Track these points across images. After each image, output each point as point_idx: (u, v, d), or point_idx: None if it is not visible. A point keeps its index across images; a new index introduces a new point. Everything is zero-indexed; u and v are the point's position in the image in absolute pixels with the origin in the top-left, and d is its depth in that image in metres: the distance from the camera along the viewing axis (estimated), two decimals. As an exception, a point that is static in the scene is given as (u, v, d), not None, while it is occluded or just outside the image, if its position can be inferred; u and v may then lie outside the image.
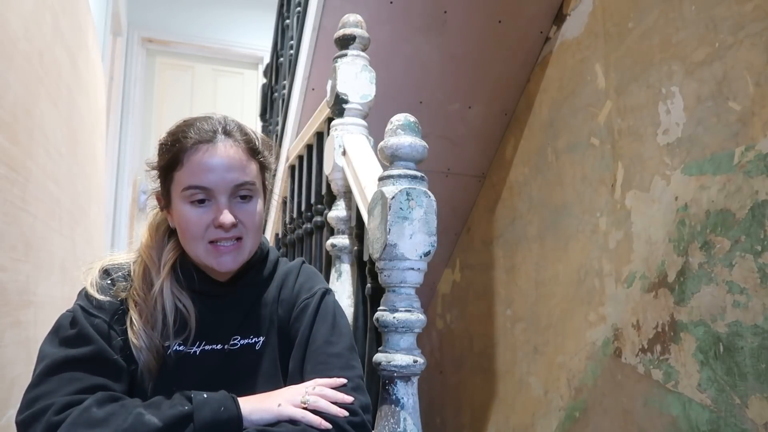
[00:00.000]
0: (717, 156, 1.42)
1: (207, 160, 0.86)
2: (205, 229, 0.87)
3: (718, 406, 1.37)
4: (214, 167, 0.86)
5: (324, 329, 0.92)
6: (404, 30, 2.05)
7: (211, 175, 0.86)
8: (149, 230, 0.95)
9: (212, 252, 0.88)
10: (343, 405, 0.83)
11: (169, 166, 0.89)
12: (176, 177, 0.88)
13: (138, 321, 0.86)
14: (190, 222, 0.87)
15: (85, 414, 0.74)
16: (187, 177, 0.87)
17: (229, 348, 0.91)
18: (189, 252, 0.90)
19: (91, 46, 2.76)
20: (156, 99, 4.76)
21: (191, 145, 0.87)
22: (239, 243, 0.89)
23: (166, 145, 0.90)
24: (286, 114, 2.39)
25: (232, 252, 0.88)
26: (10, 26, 1.37)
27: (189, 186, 0.86)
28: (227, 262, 0.89)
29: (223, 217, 0.86)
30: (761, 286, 1.29)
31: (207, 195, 0.87)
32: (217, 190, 0.86)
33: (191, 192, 0.86)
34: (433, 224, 1.01)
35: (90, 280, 0.89)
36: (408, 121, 1.05)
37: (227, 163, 0.87)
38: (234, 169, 0.87)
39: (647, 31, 1.65)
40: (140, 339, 0.85)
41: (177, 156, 0.88)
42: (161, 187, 0.93)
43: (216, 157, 0.87)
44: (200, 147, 0.87)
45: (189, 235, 0.88)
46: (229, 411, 0.78)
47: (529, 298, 2.14)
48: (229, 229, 0.87)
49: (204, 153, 0.87)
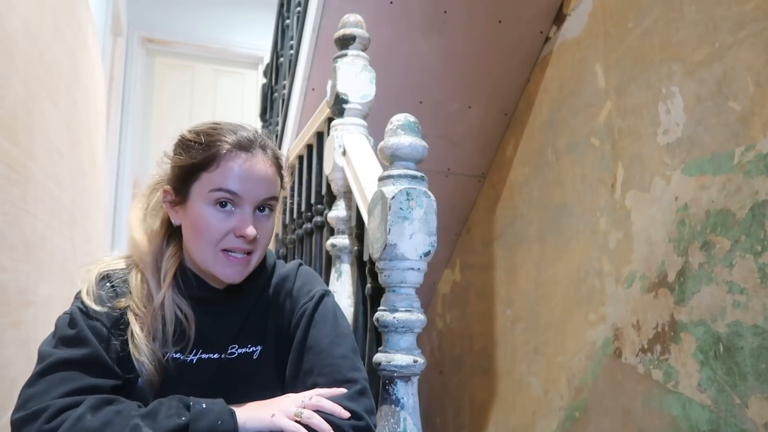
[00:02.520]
0: (717, 156, 1.42)
1: (245, 168, 0.87)
2: (223, 235, 0.86)
3: (718, 406, 1.37)
4: (250, 177, 0.87)
5: (327, 331, 0.91)
6: (404, 30, 2.05)
7: (245, 184, 0.87)
8: (148, 235, 0.93)
9: (222, 260, 0.87)
10: (349, 408, 0.82)
11: (200, 164, 0.88)
12: (206, 177, 0.87)
13: (139, 334, 0.85)
14: (210, 224, 0.86)
15: (79, 423, 0.73)
16: (220, 179, 0.86)
17: (226, 357, 0.90)
18: (194, 254, 0.89)
19: (91, 46, 2.76)
20: (156, 99, 4.76)
21: (229, 149, 0.87)
22: (249, 257, 0.89)
23: (199, 144, 0.88)
24: (286, 114, 2.40)
25: (241, 265, 0.88)
26: (10, 26, 1.37)
27: (220, 188, 0.86)
28: (234, 275, 0.88)
29: (249, 229, 0.86)
30: (761, 286, 1.29)
31: (234, 202, 0.87)
32: (246, 199, 0.87)
33: (221, 194, 0.86)
34: (433, 224, 1.01)
35: (87, 287, 0.87)
36: (408, 121, 1.05)
37: (262, 176, 0.88)
38: (266, 182, 0.89)
39: (647, 31, 1.65)
40: (142, 353, 0.84)
41: (213, 157, 0.87)
42: (177, 182, 0.90)
43: (254, 167, 0.88)
44: (239, 154, 0.88)
45: (203, 237, 0.87)
46: (226, 425, 0.77)
47: (529, 298, 2.14)
48: (249, 242, 0.87)
49: (243, 161, 0.87)
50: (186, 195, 0.89)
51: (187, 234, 0.90)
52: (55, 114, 1.89)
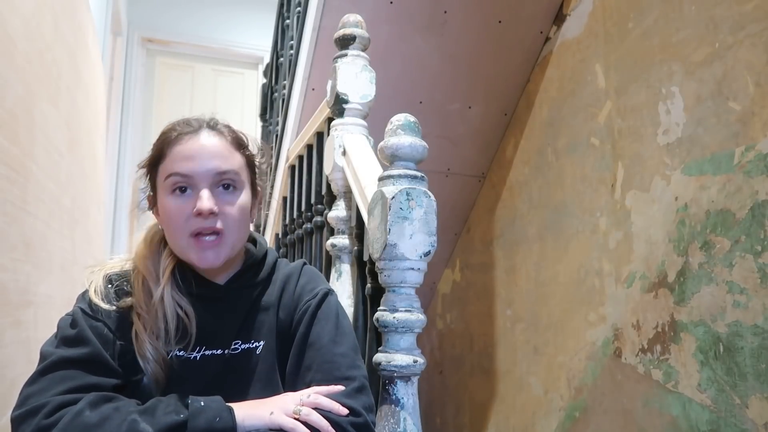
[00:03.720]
0: (717, 156, 1.42)
1: (190, 147, 0.88)
2: (186, 219, 0.86)
3: (718, 406, 1.37)
4: (195, 155, 0.87)
5: (328, 329, 0.91)
6: (404, 30, 2.05)
7: (191, 162, 0.87)
8: (144, 241, 0.95)
9: (194, 246, 0.87)
10: (347, 405, 0.82)
11: (154, 160, 0.91)
12: (160, 169, 0.90)
13: (143, 333, 0.85)
14: (170, 212, 0.87)
15: (78, 419, 0.73)
16: (170, 165, 0.88)
17: (230, 353, 0.91)
18: (174, 248, 0.90)
19: (91, 46, 2.76)
20: (156, 99, 4.75)
21: (175, 137, 0.89)
22: (220, 238, 0.88)
23: (156, 142, 0.92)
24: (286, 114, 2.39)
25: (214, 248, 0.87)
26: (10, 26, 1.37)
27: (170, 174, 0.87)
28: (208, 257, 0.87)
29: (200, 202, 0.85)
30: (761, 286, 1.29)
31: (188, 183, 0.87)
32: (197, 177, 0.87)
33: (173, 180, 0.87)
34: (433, 224, 1.01)
35: (94, 287, 0.88)
36: (408, 121, 1.05)
37: (209, 151, 0.88)
38: (216, 156, 0.88)
39: (647, 31, 1.65)
40: (147, 351, 0.85)
41: (161, 149, 0.90)
42: (150, 186, 0.94)
43: (200, 145, 0.88)
44: (184, 138, 0.89)
45: (171, 227, 0.88)
46: (225, 421, 0.77)
47: (529, 298, 2.14)
48: (207, 216, 0.85)
49: (186, 142, 0.88)
50: (155, 193, 0.91)
51: (165, 231, 0.91)
52: (55, 114, 1.89)
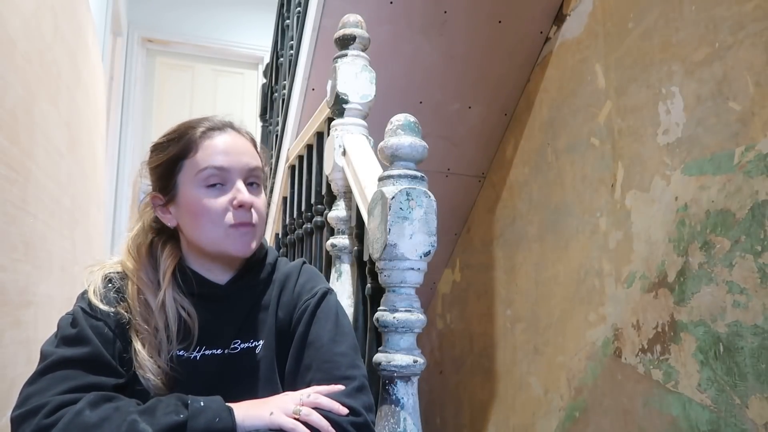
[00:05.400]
0: (717, 156, 1.42)
1: (224, 141, 0.90)
2: (224, 211, 0.87)
3: (718, 406, 1.37)
4: (230, 149, 0.90)
5: (328, 328, 0.91)
6: (404, 30, 2.05)
7: (227, 156, 0.89)
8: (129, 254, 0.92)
9: (232, 235, 0.88)
10: (347, 405, 0.82)
11: (178, 155, 0.90)
12: (188, 163, 0.89)
13: (141, 351, 0.85)
14: (206, 205, 0.87)
15: (78, 418, 0.73)
16: (203, 159, 0.88)
17: (229, 352, 0.91)
18: (202, 241, 0.89)
19: (91, 46, 2.76)
20: (156, 99, 4.75)
21: (203, 132, 0.90)
22: (254, 229, 0.90)
23: (172, 139, 0.91)
24: (286, 114, 2.39)
25: (249, 235, 0.89)
26: (10, 26, 1.37)
27: (206, 166, 0.88)
28: (245, 247, 0.89)
29: (242, 195, 0.87)
30: (761, 286, 1.29)
31: (223, 178, 0.88)
32: (233, 172, 0.89)
33: (208, 173, 0.88)
34: (433, 224, 1.01)
35: (93, 287, 0.88)
36: (408, 121, 1.05)
37: (243, 149, 0.91)
38: (245, 153, 0.91)
39: (647, 31, 1.65)
40: (146, 369, 0.84)
41: (188, 144, 0.89)
42: (161, 182, 0.92)
43: (233, 141, 0.91)
44: (213, 133, 0.90)
45: (207, 219, 0.87)
46: (224, 422, 0.77)
47: (529, 298, 2.14)
48: (249, 209, 0.88)
49: (219, 138, 0.90)
50: (173, 189, 0.90)
51: (188, 225, 0.90)
52: (55, 114, 1.89)
